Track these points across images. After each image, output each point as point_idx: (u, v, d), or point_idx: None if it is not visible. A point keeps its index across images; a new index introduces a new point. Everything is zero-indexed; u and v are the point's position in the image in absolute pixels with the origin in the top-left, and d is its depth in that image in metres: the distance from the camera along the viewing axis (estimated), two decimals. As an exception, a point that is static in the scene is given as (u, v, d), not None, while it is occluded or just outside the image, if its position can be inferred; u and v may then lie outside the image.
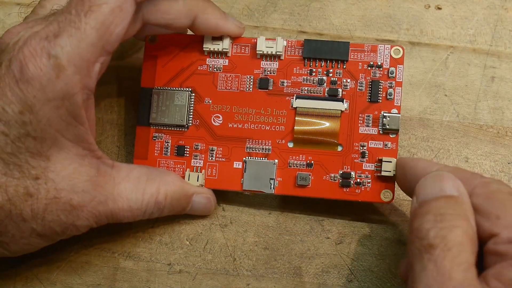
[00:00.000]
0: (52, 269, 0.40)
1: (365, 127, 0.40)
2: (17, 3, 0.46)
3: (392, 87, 0.40)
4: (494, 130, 0.42)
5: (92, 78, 0.35)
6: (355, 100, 0.40)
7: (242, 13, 0.45)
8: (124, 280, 0.40)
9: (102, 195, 0.37)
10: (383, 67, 0.40)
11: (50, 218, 0.36)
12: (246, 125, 0.41)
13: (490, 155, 0.42)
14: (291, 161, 0.40)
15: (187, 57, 0.41)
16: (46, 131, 0.35)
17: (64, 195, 0.36)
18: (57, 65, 0.34)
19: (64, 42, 0.34)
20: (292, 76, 0.41)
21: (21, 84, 0.34)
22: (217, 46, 0.41)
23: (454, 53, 0.44)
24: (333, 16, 0.45)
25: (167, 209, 0.40)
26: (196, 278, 0.40)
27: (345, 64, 0.40)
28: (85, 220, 0.37)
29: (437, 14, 0.45)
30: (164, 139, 0.41)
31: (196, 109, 0.41)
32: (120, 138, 0.43)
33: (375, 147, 0.40)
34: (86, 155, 0.37)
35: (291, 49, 0.41)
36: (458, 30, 0.44)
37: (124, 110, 0.44)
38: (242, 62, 0.41)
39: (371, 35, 0.44)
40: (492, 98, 0.43)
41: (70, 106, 0.35)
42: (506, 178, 0.41)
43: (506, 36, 0.44)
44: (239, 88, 0.41)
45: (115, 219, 0.38)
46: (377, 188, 0.39)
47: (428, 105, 0.43)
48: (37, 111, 0.34)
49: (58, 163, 0.36)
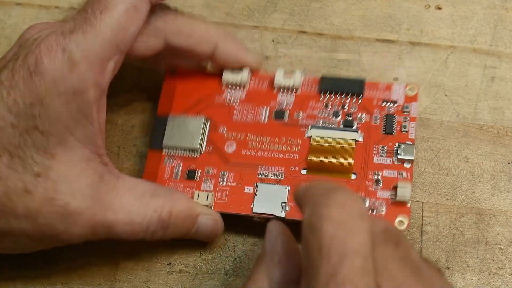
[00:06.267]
0: (52, 269, 0.40)
1: (379, 157, 0.40)
2: (17, 3, 0.46)
3: (407, 121, 0.40)
4: (494, 130, 0.42)
5: (104, 77, 0.36)
6: (370, 132, 0.40)
7: (242, 13, 0.45)
8: (124, 280, 0.40)
9: (101, 204, 0.36)
10: (398, 103, 0.41)
11: (42, 221, 0.35)
12: (259, 153, 0.40)
13: (490, 155, 0.42)
14: None
15: (205, 89, 0.42)
16: (54, 126, 0.35)
17: (62, 198, 0.35)
18: (71, 60, 0.34)
19: (78, 38, 0.35)
20: (308, 109, 0.41)
21: (34, 76, 0.34)
22: (236, 77, 0.41)
23: (454, 53, 0.44)
24: (333, 16, 0.45)
25: (171, 229, 0.38)
26: (196, 278, 0.40)
27: (360, 99, 0.41)
28: (80, 228, 0.36)
29: (437, 14, 0.45)
30: (175, 163, 0.40)
31: (210, 137, 0.41)
32: (120, 138, 0.43)
33: (390, 176, 0.39)
34: (92, 160, 0.36)
35: (307, 85, 0.41)
36: (458, 30, 0.44)
37: (124, 110, 0.44)
38: (259, 95, 0.41)
39: (371, 35, 0.44)
40: (492, 98, 0.43)
41: (81, 103, 0.35)
42: (506, 178, 0.41)
43: (507, 36, 0.44)
44: (254, 119, 0.41)
45: (114, 233, 0.37)
46: (392, 213, 0.39)
47: (428, 105, 0.43)
48: (47, 104, 0.34)
49: (62, 164, 0.35)
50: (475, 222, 0.40)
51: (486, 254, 0.39)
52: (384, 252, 0.28)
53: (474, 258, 0.39)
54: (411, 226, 0.40)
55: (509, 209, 0.40)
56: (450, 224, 0.40)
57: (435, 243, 0.40)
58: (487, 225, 0.40)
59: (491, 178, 0.41)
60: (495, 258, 0.39)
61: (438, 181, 0.41)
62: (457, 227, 0.40)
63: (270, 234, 0.33)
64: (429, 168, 0.42)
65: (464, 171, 0.41)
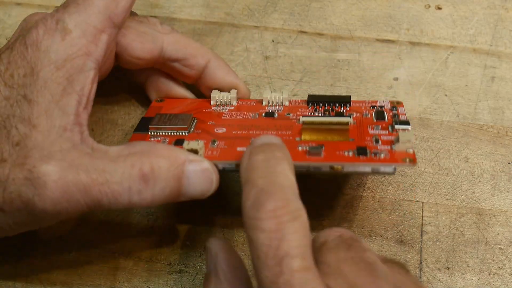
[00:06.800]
0: (52, 269, 0.40)
1: (375, 130, 0.38)
2: (17, 3, 0.46)
3: (397, 114, 0.40)
4: (494, 130, 0.42)
5: (98, 47, 0.36)
6: (362, 120, 0.39)
7: (242, 13, 0.45)
8: (124, 280, 0.40)
9: (71, 166, 0.33)
10: (385, 107, 0.40)
11: (11, 189, 0.33)
12: (251, 132, 0.39)
13: (490, 155, 0.42)
14: (300, 146, 0.37)
15: (192, 107, 0.42)
16: (41, 94, 0.35)
17: (30, 162, 0.33)
18: (64, 28, 0.36)
19: (71, 9, 0.36)
20: (298, 111, 0.41)
21: (30, 48, 0.35)
22: (224, 95, 0.42)
23: (454, 53, 0.44)
24: (333, 16, 0.45)
25: (158, 186, 0.34)
26: (196, 278, 0.40)
27: (348, 107, 0.41)
28: (50, 193, 0.33)
29: (437, 14, 0.45)
30: (161, 138, 0.39)
31: (198, 127, 0.40)
32: (120, 138, 0.43)
33: (388, 140, 0.37)
34: (71, 130, 0.35)
35: (294, 103, 0.42)
36: (458, 30, 0.44)
37: (124, 110, 0.44)
38: (248, 108, 0.41)
39: (371, 35, 0.44)
40: (492, 98, 0.43)
41: (70, 69, 0.35)
42: (506, 178, 0.41)
43: (506, 36, 0.44)
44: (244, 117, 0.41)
45: (94, 199, 0.34)
46: (397, 154, 0.36)
47: (428, 105, 0.43)
48: (37, 72, 0.35)
49: (40, 133, 0.34)
50: (475, 222, 0.40)
51: (486, 254, 0.39)
52: (336, 255, 0.31)
53: (474, 258, 0.39)
54: (411, 226, 0.40)
55: (509, 209, 0.40)
56: (450, 224, 0.40)
57: (435, 243, 0.40)
58: (487, 225, 0.40)
59: (491, 178, 0.41)
60: (495, 258, 0.39)
61: (438, 181, 0.41)
62: (457, 227, 0.40)
63: (210, 253, 0.34)
64: (429, 168, 0.42)
65: (464, 171, 0.41)
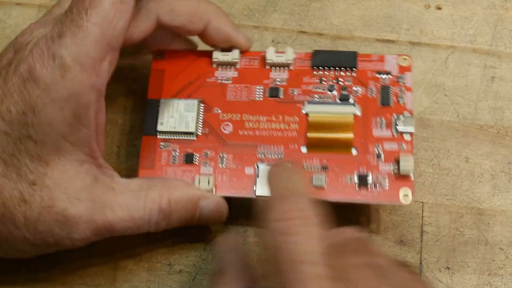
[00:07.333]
0: (52, 269, 0.40)
1: (378, 130, 0.39)
2: (17, 3, 0.46)
3: (402, 91, 0.40)
4: (494, 130, 0.42)
5: (100, 77, 0.35)
6: (367, 104, 0.40)
7: (242, 13, 0.45)
8: (124, 280, 0.40)
9: (99, 205, 0.36)
10: (392, 74, 0.40)
11: (42, 228, 0.35)
12: (257, 132, 0.40)
13: (490, 155, 0.42)
14: (305, 165, 0.39)
15: (195, 71, 0.41)
16: (47, 134, 0.34)
17: (58, 204, 0.35)
18: (62, 65, 0.34)
19: (67, 41, 0.34)
20: (302, 85, 0.41)
21: (27, 83, 0.34)
22: (226, 57, 0.41)
23: (454, 53, 0.44)
24: (333, 16, 0.45)
25: (174, 217, 0.37)
26: (196, 278, 0.40)
27: (354, 72, 0.40)
28: (82, 233, 0.36)
29: (437, 14, 0.45)
30: (171, 148, 0.40)
31: (205, 118, 0.40)
32: (120, 138, 0.43)
33: (391, 149, 0.39)
34: (86, 161, 0.36)
35: (300, 61, 0.41)
36: (458, 30, 0.44)
37: (124, 110, 0.44)
38: (251, 74, 0.41)
39: (371, 35, 0.44)
40: (493, 98, 0.43)
41: (75, 107, 0.34)
42: (506, 178, 0.41)
43: (506, 36, 0.44)
44: (249, 97, 0.41)
45: (117, 231, 0.37)
46: (395, 187, 0.38)
47: (428, 105, 0.43)
48: (39, 111, 0.34)
49: (56, 169, 0.35)
50: (475, 222, 0.40)
51: (486, 254, 0.39)
52: (347, 260, 0.30)
53: (474, 258, 0.39)
54: (411, 226, 0.40)
55: (509, 209, 0.40)
56: (450, 224, 0.40)
57: (435, 243, 0.40)
58: (487, 225, 0.40)
59: (491, 178, 0.41)
60: (495, 258, 0.39)
61: (438, 181, 0.41)
62: (457, 227, 0.40)
63: (222, 250, 0.33)
64: (429, 168, 0.42)
65: (464, 171, 0.41)
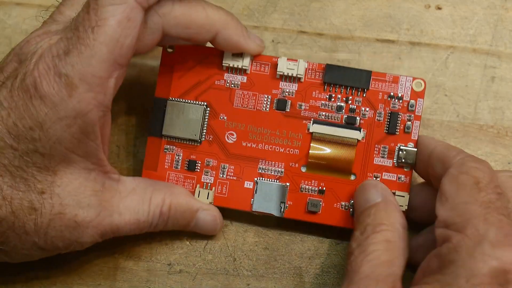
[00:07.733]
0: (52, 269, 0.40)
1: (380, 158, 0.40)
2: (17, 3, 0.46)
3: (411, 120, 0.40)
4: (494, 130, 0.42)
5: (107, 95, 0.35)
6: (373, 130, 0.40)
7: (242, 13, 0.45)
8: (124, 280, 0.40)
9: (107, 210, 0.37)
10: (403, 99, 0.40)
11: (53, 234, 0.36)
12: (260, 145, 0.40)
13: (490, 155, 0.42)
14: (303, 186, 0.40)
15: (204, 70, 0.41)
16: (55, 149, 0.35)
17: (69, 211, 0.36)
18: (69, 84, 0.34)
19: (74, 60, 0.34)
20: (311, 100, 0.40)
21: (34, 100, 0.34)
22: (236, 63, 0.40)
23: (454, 53, 0.44)
24: (333, 16, 0.45)
25: (170, 222, 0.39)
26: (196, 278, 0.40)
27: (365, 93, 0.40)
28: (91, 236, 0.37)
29: (437, 14, 0.45)
30: (175, 152, 0.40)
31: (210, 125, 0.40)
32: (120, 138, 0.43)
33: (389, 179, 0.39)
34: (93, 169, 0.37)
35: (311, 72, 0.41)
36: (458, 30, 0.44)
37: (124, 110, 0.44)
38: (260, 81, 0.41)
39: (371, 35, 0.44)
40: (492, 98, 0.43)
41: (83, 124, 0.34)
42: (506, 178, 0.41)
43: (506, 36, 0.44)
44: (255, 107, 0.40)
45: (121, 233, 0.38)
46: None
47: (428, 105, 0.43)
48: (47, 129, 0.34)
49: (65, 178, 0.36)
50: (475, 222, 0.40)
51: (486, 254, 0.39)
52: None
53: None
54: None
55: (509, 209, 0.40)
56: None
57: (435, 243, 0.40)
58: (487, 225, 0.40)
59: (491, 178, 0.41)
60: (495, 258, 0.39)
61: (438, 181, 0.41)
62: (457, 227, 0.40)
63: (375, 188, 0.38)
64: (429, 168, 0.41)
65: (464, 171, 0.41)
